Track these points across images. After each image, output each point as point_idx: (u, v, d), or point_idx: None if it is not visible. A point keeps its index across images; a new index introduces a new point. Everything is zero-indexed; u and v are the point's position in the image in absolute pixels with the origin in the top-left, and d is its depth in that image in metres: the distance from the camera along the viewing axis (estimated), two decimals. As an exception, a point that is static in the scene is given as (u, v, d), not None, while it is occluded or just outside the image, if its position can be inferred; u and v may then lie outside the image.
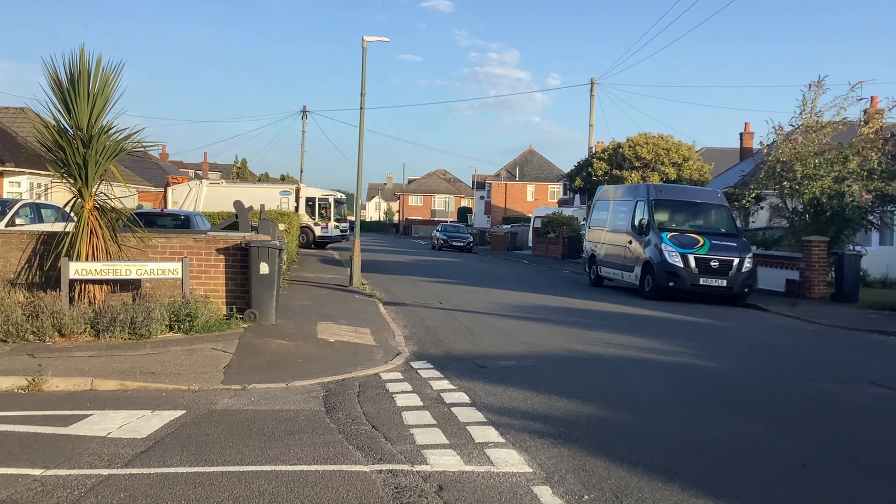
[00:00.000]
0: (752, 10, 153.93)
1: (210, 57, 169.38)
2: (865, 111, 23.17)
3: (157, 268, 10.98)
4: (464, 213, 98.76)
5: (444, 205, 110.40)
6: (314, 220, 43.68)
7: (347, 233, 46.50)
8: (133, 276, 10.86)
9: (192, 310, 10.64)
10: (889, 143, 21.52)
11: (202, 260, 11.81)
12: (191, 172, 74.09)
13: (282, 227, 21.70)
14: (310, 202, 43.79)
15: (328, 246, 44.33)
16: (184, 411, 7.09)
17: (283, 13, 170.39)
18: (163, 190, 52.09)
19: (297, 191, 43.89)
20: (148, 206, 36.33)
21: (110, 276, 10.70)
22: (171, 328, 10.59)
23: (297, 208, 42.31)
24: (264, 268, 11.50)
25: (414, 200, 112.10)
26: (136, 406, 7.27)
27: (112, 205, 11.12)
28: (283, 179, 69.38)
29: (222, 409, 7.26)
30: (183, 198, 43.26)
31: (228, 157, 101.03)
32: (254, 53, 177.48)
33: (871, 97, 26.24)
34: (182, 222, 18.10)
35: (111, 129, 10.96)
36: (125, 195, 12.36)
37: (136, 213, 14.76)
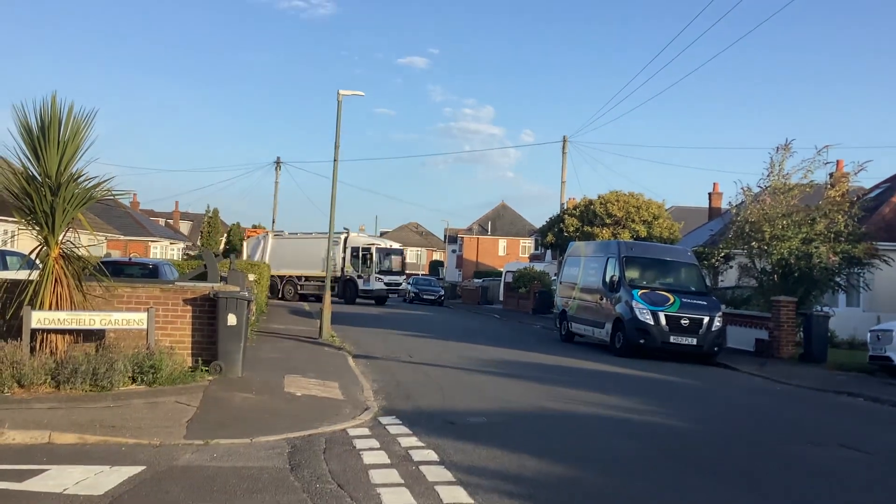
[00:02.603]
0: (719, 75, 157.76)
1: (184, 107, 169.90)
2: (832, 174, 23.62)
3: (121, 318, 10.78)
4: (435, 266, 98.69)
5: (415, 258, 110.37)
6: (358, 272, 41.45)
7: (401, 286, 45.02)
8: (97, 325, 10.64)
9: (157, 361, 10.41)
10: (855, 207, 21.92)
11: (169, 310, 11.61)
12: (161, 221, 73.70)
13: (252, 277, 21.54)
14: (355, 252, 41.60)
15: (382, 301, 42.25)
16: (144, 467, 6.87)
17: (259, 66, 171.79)
18: (141, 239, 52.00)
19: (345, 240, 41.75)
20: (116, 255, 35.92)
21: (74, 326, 10.47)
22: (134, 380, 10.33)
23: (344, 259, 41.11)
24: (232, 319, 11.33)
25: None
26: (94, 461, 7.04)
27: (78, 253, 10.93)
28: (254, 228, 68.98)
29: (183, 465, 7.05)
30: (253, 249, 44.91)
31: (200, 207, 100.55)
32: (228, 105, 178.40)
33: (837, 161, 26.77)
34: (150, 271, 17.87)
35: (80, 176, 10.81)
36: (93, 243, 12.15)
37: (103, 262, 14.55)
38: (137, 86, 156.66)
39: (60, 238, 10.62)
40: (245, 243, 44.43)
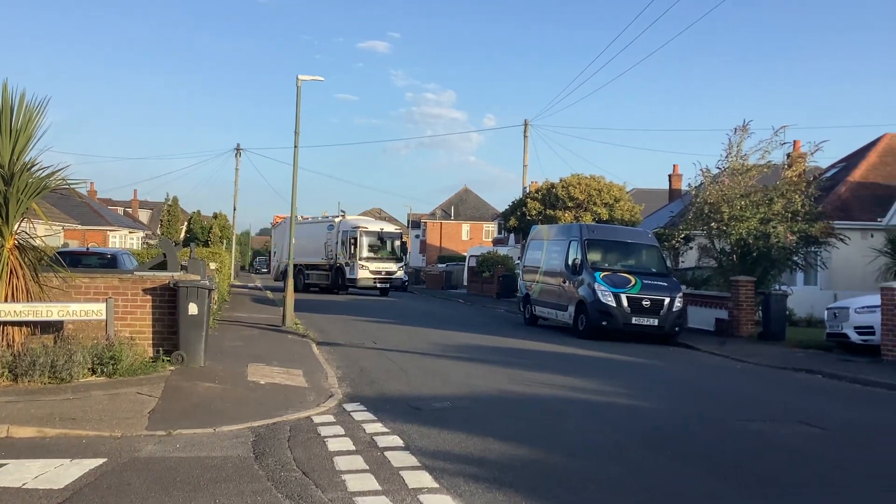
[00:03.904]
0: (678, 57, 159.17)
1: (142, 94, 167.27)
2: (789, 155, 23.98)
3: (80, 309, 10.61)
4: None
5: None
6: (346, 259, 37.42)
7: (396, 274, 38.62)
8: (55, 317, 10.46)
9: (117, 352, 10.28)
10: (812, 186, 22.28)
11: (128, 300, 11.44)
12: (120, 210, 72.58)
13: (213, 265, 21.32)
14: (344, 236, 37.72)
15: (385, 293, 37.85)
16: (105, 459, 6.78)
17: (218, 52, 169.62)
18: (99, 228, 51.06)
19: (339, 224, 38.38)
20: (74, 245, 35.31)
21: (30, 318, 10.27)
22: (94, 371, 10.19)
23: (335, 245, 38.17)
24: (193, 308, 11.20)
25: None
26: (54, 454, 6.93)
27: (34, 244, 10.73)
28: (215, 217, 68.26)
29: (146, 456, 6.97)
30: (279, 237, 42.88)
31: (160, 195, 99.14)
32: (187, 92, 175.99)
33: (794, 141, 27.26)
34: (108, 261, 17.57)
35: (34, 166, 10.60)
36: (49, 234, 11.92)
37: (60, 252, 14.27)
38: (94, 73, 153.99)
39: (15, 229, 10.40)
40: (273, 232, 42.27)
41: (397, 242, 39.79)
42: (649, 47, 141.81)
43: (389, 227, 40.78)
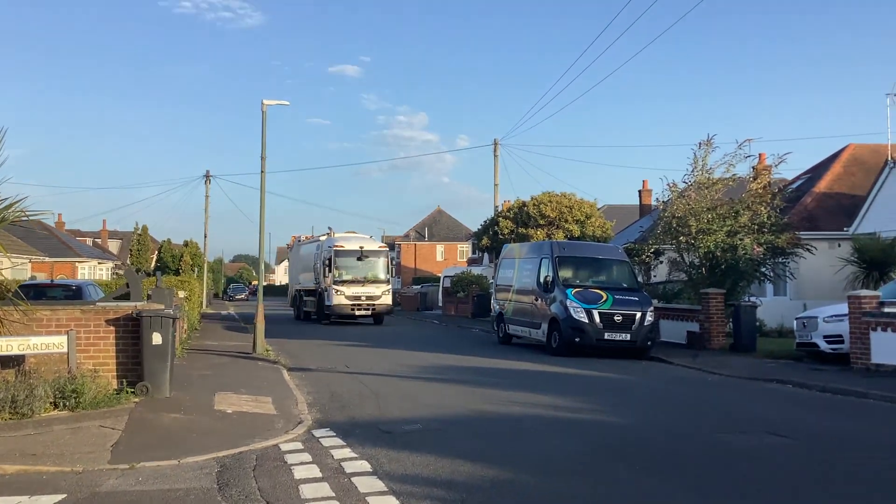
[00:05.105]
0: (644, 73, 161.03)
1: (111, 124, 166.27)
2: (754, 167, 24.19)
3: (40, 342, 10.42)
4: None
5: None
6: (325, 284, 32.80)
7: (379, 300, 32.93)
8: (14, 351, 10.27)
9: (79, 385, 10.09)
10: (777, 198, 22.50)
11: (91, 332, 11.24)
12: (88, 241, 71.77)
13: (182, 294, 21.11)
14: (323, 257, 33.34)
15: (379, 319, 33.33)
16: (64, 495, 6.63)
17: (187, 79, 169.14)
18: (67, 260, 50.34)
19: (323, 242, 34.52)
20: (42, 277, 34.84)
21: (-10, 353, 10.08)
22: (56, 405, 9.99)
23: (316, 267, 34.52)
24: (157, 338, 11.04)
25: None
26: (12, 492, 6.76)
27: (-7, 277, 10.55)
28: (185, 245, 67.62)
29: (107, 490, 6.82)
30: (295, 257, 39.76)
31: (129, 225, 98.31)
32: (156, 120, 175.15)
33: (759, 154, 27.50)
34: (73, 293, 17.37)
35: (-9, 198, 10.43)
36: (7, 266, 11.72)
37: (25, 286, 14.06)
38: (61, 103, 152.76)
39: (-28, 263, 10.22)
40: (289, 254, 39.89)
41: (381, 261, 34.09)
42: (614, 64, 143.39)
43: (371, 244, 34.44)
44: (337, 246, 32.77)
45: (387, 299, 33.52)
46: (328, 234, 35.10)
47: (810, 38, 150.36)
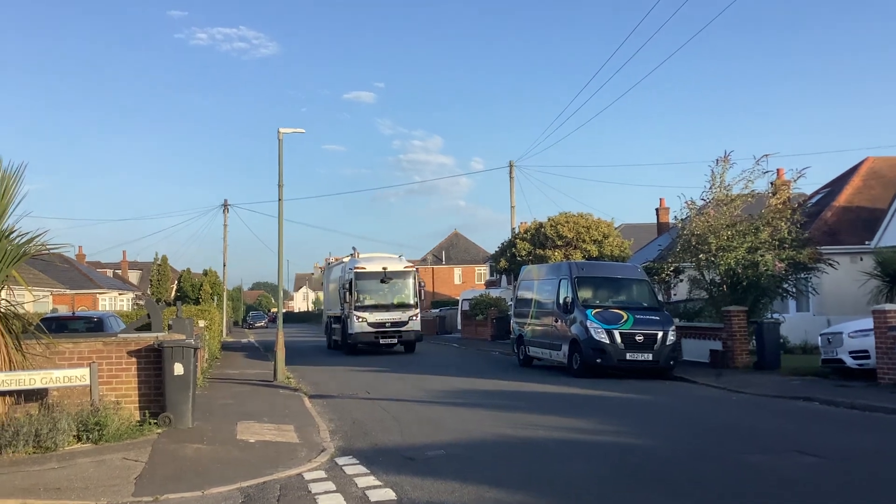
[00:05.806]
0: (658, 91, 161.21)
1: (130, 155, 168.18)
2: (773, 183, 24.05)
3: (63, 375, 10.45)
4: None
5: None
6: (348, 308, 30.01)
7: (406, 326, 30.22)
8: (38, 385, 10.30)
9: (102, 418, 10.11)
10: (797, 213, 22.33)
11: (113, 364, 11.29)
12: (109, 272, 72.34)
13: (202, 323, 21.16)
14: (346, 280, 30.59)
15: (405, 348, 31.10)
16: (89, 530, 6.61)
17: (204, 110, 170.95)
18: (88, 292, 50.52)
19: (347, 264, 31.97)
20: (64, 310, 35.08)
21: (13, 388, 10.11)
22: (79, 438, 10.01)
23: (340, 291, 31.84)
24: (179, 368, 11.05)
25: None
26: (37, 527, 6.76)
27: (17, 311, 10.61)
28: (205, 274, 68.05)
29: (131, 524, 6.80)
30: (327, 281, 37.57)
31: (149, 255, 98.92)
32: (175, 151, 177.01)
33: (777, 169, 27.37)
34: (95, 325, 17.45)
35: (13, 233, 10.53)
36: (29, 300, 11.80)
37: (47, 318, 14.12)
38: (80, 136, 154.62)
39: (-5, 297, 10.29)
40: (324, 277, 36.66)
41: (408, 283, 30.92)
42: (628, 83, 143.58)
43: (397, 265, 31.15)
44: (358, 268, 30.01)
45: (415, 325, 30.64)
46: (352, 255, 32.36)
47: (825, 52, 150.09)
